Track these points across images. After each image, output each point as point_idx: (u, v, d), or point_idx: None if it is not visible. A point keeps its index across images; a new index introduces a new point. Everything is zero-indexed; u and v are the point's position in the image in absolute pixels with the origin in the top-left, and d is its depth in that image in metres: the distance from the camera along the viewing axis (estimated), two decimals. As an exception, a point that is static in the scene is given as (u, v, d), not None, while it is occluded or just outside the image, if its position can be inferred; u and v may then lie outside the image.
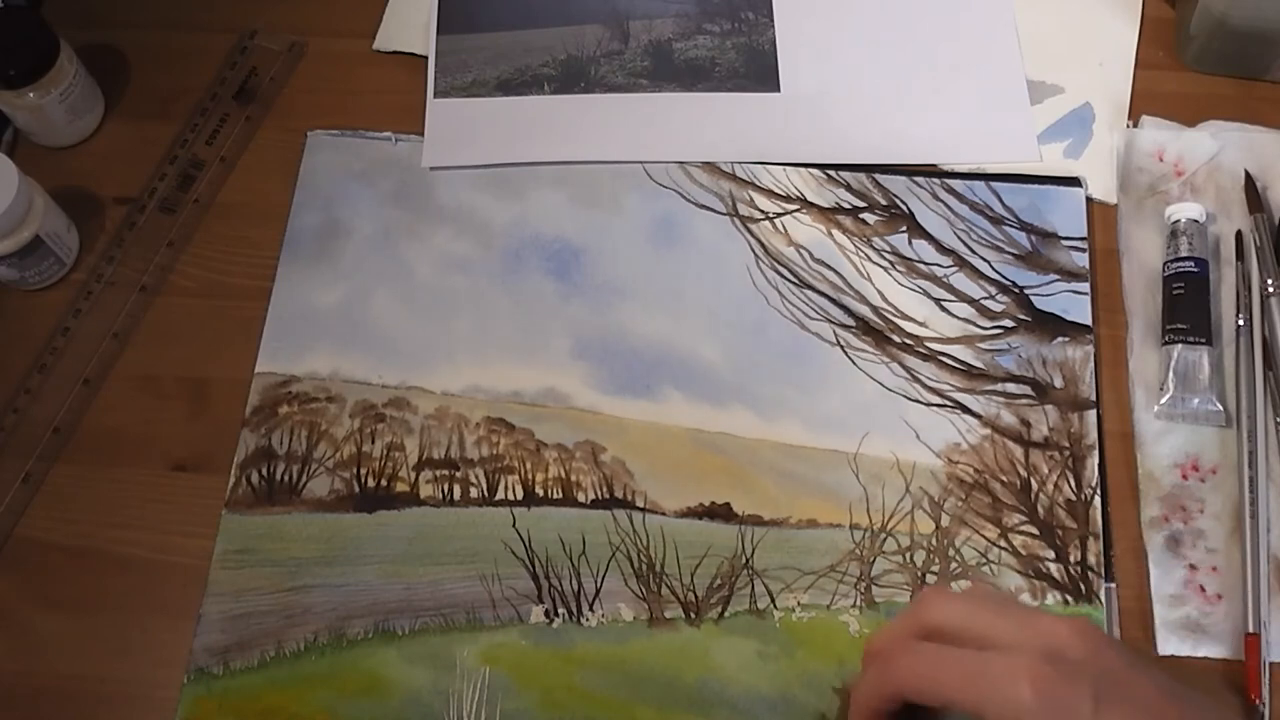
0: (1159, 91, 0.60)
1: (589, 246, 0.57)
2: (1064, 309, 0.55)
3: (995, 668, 0.36)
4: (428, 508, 0.51)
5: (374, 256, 0.56)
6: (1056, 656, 0.36)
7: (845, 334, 0.54)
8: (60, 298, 0.56)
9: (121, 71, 0.62)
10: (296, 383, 0.54)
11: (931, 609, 0.40)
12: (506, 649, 0.48)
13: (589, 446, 0.52)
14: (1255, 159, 0.57)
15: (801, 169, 0.58)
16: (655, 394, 0.53)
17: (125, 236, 0.57)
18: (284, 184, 0.58)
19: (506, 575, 0.50)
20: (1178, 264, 0.54)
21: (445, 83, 0.60)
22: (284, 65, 0.62)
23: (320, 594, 0.49)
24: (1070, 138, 0.59)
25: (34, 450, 0.52)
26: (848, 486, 0.51)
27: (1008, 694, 0.35)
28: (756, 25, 0.62)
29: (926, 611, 0.40)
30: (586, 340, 0.55)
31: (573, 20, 0.62)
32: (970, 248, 0.56)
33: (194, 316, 0.55)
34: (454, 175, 0.58)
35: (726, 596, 0.49)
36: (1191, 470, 0.51)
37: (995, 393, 0.53)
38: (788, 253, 0.56)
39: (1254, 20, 0.57)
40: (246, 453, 0.52)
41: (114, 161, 0.59)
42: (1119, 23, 0.62)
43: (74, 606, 0.49)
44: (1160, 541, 0.50)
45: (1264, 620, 0.47)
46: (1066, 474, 0.51)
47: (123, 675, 0.48)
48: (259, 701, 0.47)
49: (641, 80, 0.61)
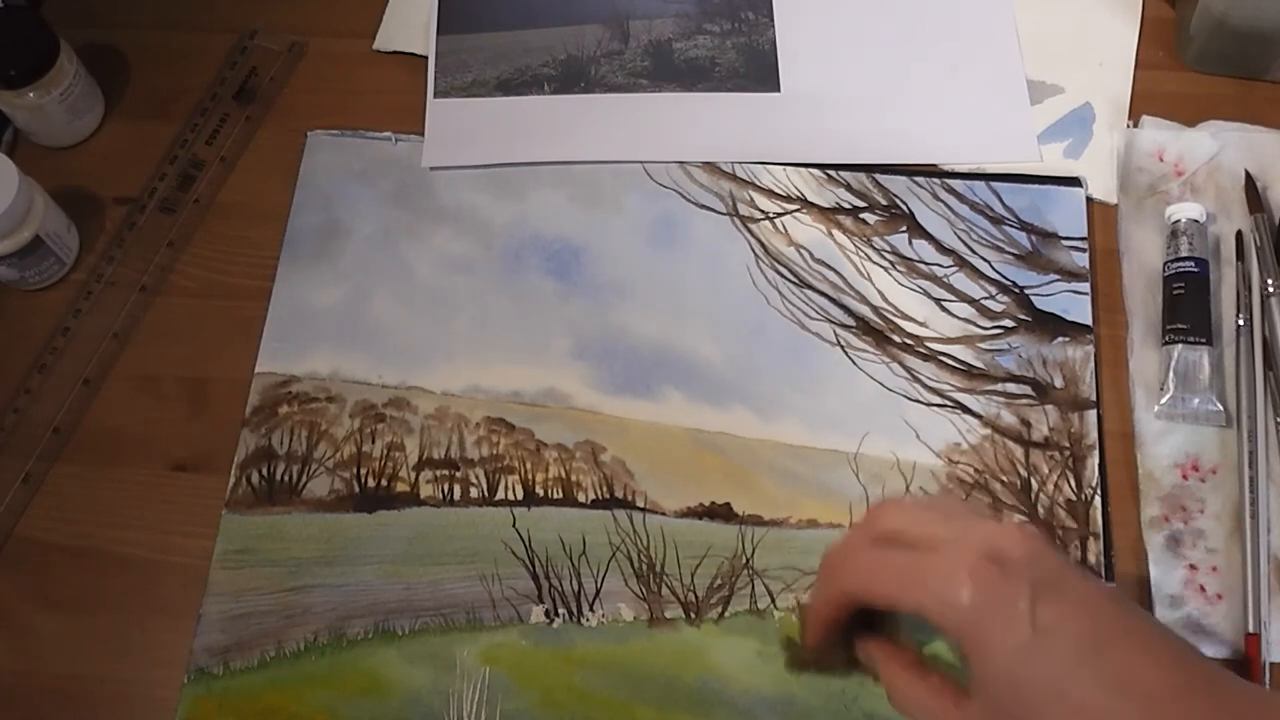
0: (1159, 91, 0.60)
1: (589, 246, 0.57)
2: (1064, 309, 0.55)
3: (934, 567, 0.36)
4: (428, 508, 0.51)
5: (374, 256, 0.56)
6: (996, 556, 0.36)
7: (845, 334, 0.54)
8: (60, 298, 0.56)
9: (121, 71, 0.62)
10: (296, 383, 0.54)
11: (882, 515, 0.40)
12: (506, 649, 0.48)
13: (589, 446, 0.52)
14: (1255, 159, 0.57)
15: (801, 169, 0.58)
16: (655, 394, 0.53)
17: (125, 236, 0.57)
18: (284, 184, 0.58)
19: (506, 575, 0.50)
20: (1178, 264, 0.54)
21: (445, 83, 0.60)
22: (284, 65, 0.62)
23: (320, 594, 0.49)
24: (1070, 138, 0.59)
25: (34, 450, 0.52)
26: (848, 486, 0.51)
27: (946, 592, 0.35)
28: (756, 25, 0.62)
29: (878, 518, 0.40)
30: (586, 340, 0.55)
31: (573, 20, 0.62)
32: (970, 248, 0.56)
33: (194, 316, 0.55)
34: (454, 175, 0.58)
35: (727, 596, 0.49)
36: (1191, 470, 0.51)
37: (995, 393, 0.53)
38: (788, 253, 0.56)
39: (1254, 20, 0.56)
40: (246, 453, 0.52)
41: (114, 161, 0.59)
42: (1119, 23, 0.62)
43: (74, 606, 0.49)
44: (1160, 541, 0.50)
45: (1264, 620, 0.47)
46: (1067, 474, 0.51)
47: (123, 675, 0.48)
48: (259, 701, 0.47)
49: (641, 80, 0.61)
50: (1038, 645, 0.34)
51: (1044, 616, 0.35)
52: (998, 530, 0.37)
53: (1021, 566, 0.35)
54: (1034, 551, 0.36)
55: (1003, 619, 0.35)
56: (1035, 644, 0.34)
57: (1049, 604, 0.35)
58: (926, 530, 0.38)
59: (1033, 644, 0.34)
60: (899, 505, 0.40)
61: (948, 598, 0.35)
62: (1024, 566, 0.36)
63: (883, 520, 0.39)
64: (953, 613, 0.35)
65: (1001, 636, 0.35)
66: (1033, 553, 0.36)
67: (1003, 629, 0.35)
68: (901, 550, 0.38)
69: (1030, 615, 0.35)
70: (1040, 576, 0.35)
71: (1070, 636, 0.34)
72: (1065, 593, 0.35)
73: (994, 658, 0.35)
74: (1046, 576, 0.36)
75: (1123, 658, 0.34)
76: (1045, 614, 0.35)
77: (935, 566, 0.36)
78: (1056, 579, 0.36)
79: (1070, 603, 0.35)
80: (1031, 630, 0.34)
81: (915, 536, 0.38)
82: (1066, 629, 0.35)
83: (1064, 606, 0.35)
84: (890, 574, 0.37)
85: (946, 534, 0.37)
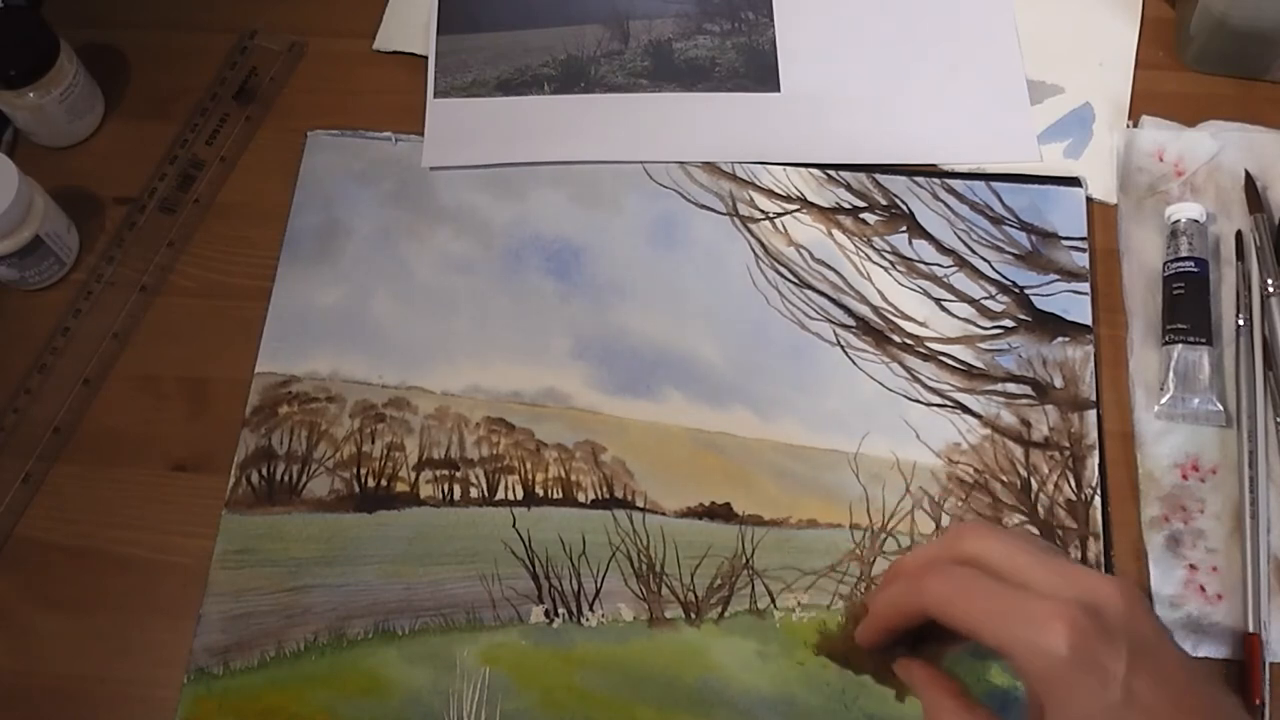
0: (1159, 91, 0.60)
1: (589, 246, 0.57)
2: (1064, 309, 0.55)
3: (1032, 608, 0.35)
4: (428, 508, 0.51)
5: (374, 256, 0.56)
6: (1095, 611, 0.35)
7: (845, 334, 0.54)
8: (60, 298, 0.56)
9: (121, 71, 0.62)
10: (296, 383, 0.54)
11: (968, 540, 0.38)
12: (506, 649, 0.48)
13: (589, 446, 0.52)
14: (1255, 159, 0.57)
15: (801, 169, 0.58)
16: (655, 394, 0.53)
17: (125, 236, 0.57)
18: (284, 184, 0.58)
19: (506, 575, 0.50)
20: (1178, 264, 0.54)
21: (445, 83, 0.60)
22: (284, 65, 0.62)
23: (320, 594, 0.49)
24: (1070, 138, 0.59)
25: (34, 450, 0.52)
26: (848, 486, 0.51)
27: (1041, 637, 0.34)
28: (756, 25, 0.62)
29: (963, 541, 0.38)
30: (586, 340, 0.55)
31: (573, 20, 0.62)
32: (970, 248, 0.56)
33: (194, 316, 0.55)
34: (454, 175, 0.58)
35: (726, 596, 0.49)
36: (1191, 470, 0.51)
37: (995, 393, 0.53)
38: (788, 253, 0.56)
39: (1254, 20, 0.56)
40: (246, 453, 0.52)
41: (114, 161, 0.59)
42: (1119, 23, 0.62)
43: (74, 606, 0.49)
44: (1160, 541, 0.50)
45: (1264, 620, 0.47)
46: (1066, 474, 0.51)
47: (122, 675, 0.48)
48: (259, 701, 0.47)
49: (641, 80, 0.61)
50: (1127, 711, 0.34)
51: (1136, 685, 0.34)
52: (1100, 583, 0.36)
53: (1120, 626, 0.35)
54: (1134, 612, 0.35)
55: (1096, 678, 0.34)
56: (1122, 711, 0.34)
57: (1143, 673, 0.34)
58: (1020, 568, 0.37)
59: (1120, 711, 0.34)
60: (986, 532, 0.39)
61: (1040, 643, 0.34)
62: (1122, 627, 0.35)
63: (967, 544, 0.38)
64: (1042, 660, 0.34)
65: (1089, 695, 0.34)
66: (1132, 613, 0.35)
67: (1093, 688, 0.34)
68: (994, 581, 0.37)
69: (1123, 680, 0.34)
70: (1137, 640, 0.35)
71: (1158, 710, 0.34)
72: (1160, 663, 0.35)
73: (1076, 713, 0.34)
74: (1143, 642, 0.35)
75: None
76: (1138, 683, 0.34)
77: (1031, 608, 0.35)
78: (1154, 647, 0.35)
79: (1163, 675, 0.34)
80: (1121, 696, 0.34)
81: (1006, 569, 0.37)
82: (1155, 703, 0.34)
83: (1158, 677, 0.34)
84: (979, 602, 0.36)
85: (1042, 578, 0.36)
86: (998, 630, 0.35)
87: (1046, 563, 0.37)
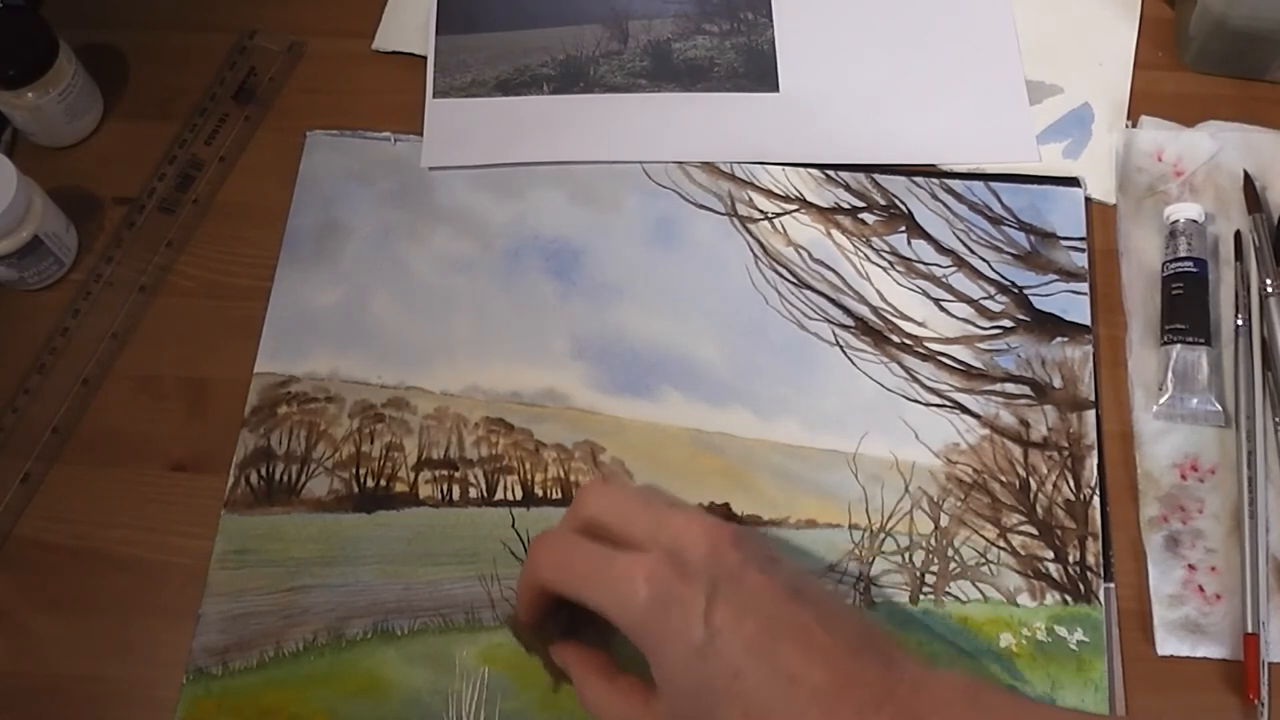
0: (1158, 92, 0.60)
1: (588, 246, 0.57)
2: (1063, 309, 0.55)
3: (617, 566, 0.36)
4: (427, 508, 0.51)
5: (373, 256, 0.56)
6: (678, 556, 0.35)
7: (844, 334, 0.54)
8: (59, 298, 0.56)
9: (121, 71, 0.62)
10: (295, 383, 0.54)
11: (587, 502, 0.39)
12: (505, 649, 0.48)
13: (588, 446, 0.52)
14: (1254, 159, 0.57)
15: (800, 169, 0.58)
16: (654, 394, 0.53)
17: (124, 236, 0.57)
18: (283, 184, 0.58)
19: (506, 575, 0.50)
20: (1177, 264, 0.54)
21: (444, 83, 0.60)
22: (283, 65, 0.62)
23: (319, 594, 0.49)
24: (1069, 138, 0.59)
25: (33, 450, 0.52)
26: (846, 486, 0.51)
27: (624, 593, 0.35)
28: (756, 25, 0.62)
29: (583, 505, 0.39)
30: (585, 340, 0.55)
31: (572, 20, 0.62)
32: (969, 248, 0.56)
33: (193, 316, 0.55)
34: (453, 175, 0.58)
35: (725, 596, 0.49)
36: (1190, 470, 0.51)
37: (994, 393, 0.53)
38: (787, 253, 0.56)
39: (1253, 20, 0.57)
40: (245, 453, 0.52)
41: (113, 161, 0.59)
42: (1119, 23, 0.62)
43: (72, 607, 0.49)
44: (1159, 541, 0.50)
45: (1263, 620, 0.47)
46: (1065, 474, 0.51)
47: (122, 675, 0.48)
48: (258, 702, 0.47)
49: (641, 80, 0.61)
50: (711, 645, 0.34)
51: (718, 617, 0.34)
52: (683, 526, 0.36)
53: (701, 565, 0.35)
54: (713, 549, 0.36)
55: (678, 620, 0.35)
56: (709, 644, 0.34)
57: (724, 603, 0.35)
58: (624, 524, 0.37)
59: (707, 644, 0.34)
60: (601, 492, 0.39)
61: (624, 599, 0.35)
62: (703, 565, 0.35)
63: (586, 507, 0.39)
64: (629, 615, 0.35)
65: (676, 637, 0.35)
66: (712, 550, 0.36)
67: (677, 630, 0.34)
68: (593, 543, 0.37)
69: (705, 616, 0.34)
70: (720, 574, 0.35)
71: (743, 635, 0.34)
72: (742, 590, 0.35)
73: (671, 658, 0.35)
74: (726, 574, 0.35)
75: (793, 652, 0.34)
76: (720, 614, 0.34)
77: (617, 565, 0.36)
78: (736, 576, 0.35)
79: (745, 600, 0.35)
80: (705, 631, 0.34)
81: (616, 526, 0.37)
82: (740, 628, 0.34)
83: (739, 604, 0.35)
84: (578, 568, 0.37)
85: (639, 530, 0.37)
86: (594, 593, 0.36)
87: (646, 513, 0.37)
